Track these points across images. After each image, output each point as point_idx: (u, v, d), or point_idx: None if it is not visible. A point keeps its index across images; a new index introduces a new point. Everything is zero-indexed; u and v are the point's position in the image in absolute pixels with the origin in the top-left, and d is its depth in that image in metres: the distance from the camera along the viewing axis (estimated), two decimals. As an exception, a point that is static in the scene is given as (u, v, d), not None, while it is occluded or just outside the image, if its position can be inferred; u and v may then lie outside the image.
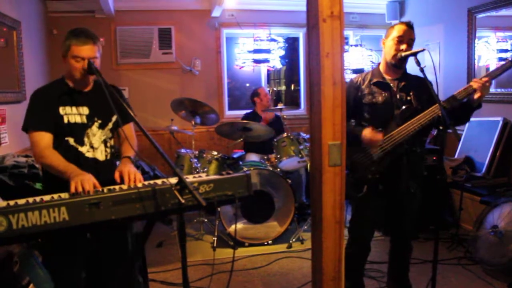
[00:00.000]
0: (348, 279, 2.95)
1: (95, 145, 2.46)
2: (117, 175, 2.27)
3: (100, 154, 2.48)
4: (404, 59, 2.77)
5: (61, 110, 2.39)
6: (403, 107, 2.79)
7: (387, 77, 2.86)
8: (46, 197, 1.92)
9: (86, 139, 2.43)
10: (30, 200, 1.86)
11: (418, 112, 2.73)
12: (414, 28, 2.81)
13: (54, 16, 5.62)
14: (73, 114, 2.41)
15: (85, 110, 2.44)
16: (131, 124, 2.63)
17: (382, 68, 2.91)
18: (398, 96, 2.82)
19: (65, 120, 2.39)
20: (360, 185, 2.82)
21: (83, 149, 2.43)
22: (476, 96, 2.63)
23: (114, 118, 2.52)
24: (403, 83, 2.84)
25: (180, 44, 6.08)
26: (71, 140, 2.40)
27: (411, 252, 3.05)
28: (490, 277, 3.53)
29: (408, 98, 2.81)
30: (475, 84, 2.62)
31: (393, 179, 2.81)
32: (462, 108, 2.71)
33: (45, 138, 2.33)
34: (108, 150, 2.52)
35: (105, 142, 2.51)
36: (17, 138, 4.02)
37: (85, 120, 2.43)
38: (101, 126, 2.49)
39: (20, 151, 3.92)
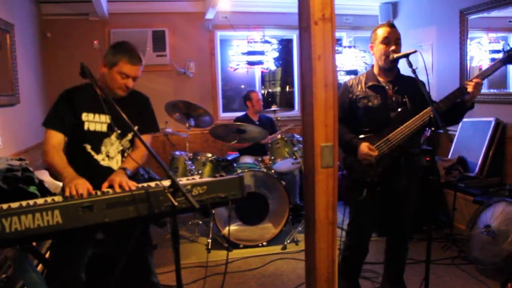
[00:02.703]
0: (346, 281, 2.98)
1: (111, 155, 2.48)
2: (105, 184, 2.22)
3: (116, 164, 2.49)
4: (396, 61, 2.79)
5: (84, 116, 2.42)
6: (399, 109, 2.81)
7: (382, 80, 2.88)
8: (40, 201, 1.92)
9: (103, 148, 2.46)
10: (24, 203, 1.86)
11: (413, 114, 2.76)
12: (407, 29, 2.83)
13: (48, 19, 5.62)
14: (94, 122, 2.44)
15: (107, 119, 2.47)
16: (148, 136, 2.64)
17: (376, 71, 2.92)
18: (393, 99, 2.84)
19: (85, 127, 2.42)
20: (359, 189, 2.83)
21: (99, 157, 2.45)
22: (469, 96, 2.66)
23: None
24: (397, 86, 2.86)
25: (174, 47, 6.09)
26: (88, 147, 2.43)
27: (407, 252, 3.07)
28: (483, 276, 3.55)
29: (404, 100, 2.83)
30: (469, 86, 2.65)
31: (391, 180, 2.83)
32: (455, 108, 2.72)
33: (56, 138, 2.37)
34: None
35: (122, 152, 2.52)
36: (11, 141, 4.01)
37: (105, 129, 2.46)
38: (120, 137, 2.50)
39: (14, 155, 3.91)
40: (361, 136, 2.84)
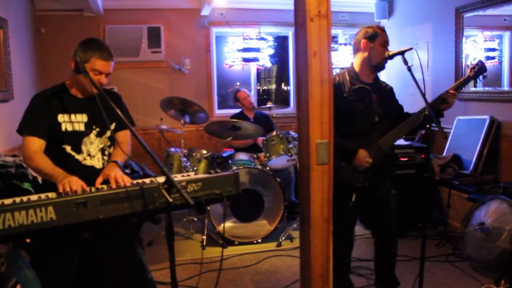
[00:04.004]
0: (336, 281, 2.98)
1: (92, 153, 2.45)
2: (99, 180, 2.22)
3: (97, 162, 2.47)
4: (390, 59, 2.80)
5: (60, 117, 2.39)
6: (383, 115, 2.86)
7: (364, 81, 2.88)
8: (33, 197, 1.91)
9: (83, 147, 2.43)
10: (17, 199, 1.85)
11: (395, 119, 2.82)
12: (403, 27, 2.86)
13: (42, 14, 5.57)
14: (71, 122, 2.41)
15: (84, 118, 2.44)
16: (126, 131, 2.61)
17: (358, 69, 2.90)
18: (378, 103, 2.86)
19: (63, 128, 2.39)
20: (348, 194, 2.83)
21: (80, 157, 2.42)
22: (446, 105, 2.72)
23: (112, 127, 2.52)
24: (379, 91, 2.89)
25: (170, 43, 6.06)
26: (67, 148, 2.39)
27: (396, 250, 3.10)
28: (477, 273, 3.56)
29: (387, 105, 2.88)
30: (448, 97, 2.70)
31: (374, 184, 2.87)
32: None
33: (36, 143, 2.33)
34: (106, 158, 2.51)
35: (102, 150, 2.50)
36: (5, 137, 3.98)
37: (83, 128, 2.43)
38: (99, 134, 2.48)
39: (7, 151, 3.88)
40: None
